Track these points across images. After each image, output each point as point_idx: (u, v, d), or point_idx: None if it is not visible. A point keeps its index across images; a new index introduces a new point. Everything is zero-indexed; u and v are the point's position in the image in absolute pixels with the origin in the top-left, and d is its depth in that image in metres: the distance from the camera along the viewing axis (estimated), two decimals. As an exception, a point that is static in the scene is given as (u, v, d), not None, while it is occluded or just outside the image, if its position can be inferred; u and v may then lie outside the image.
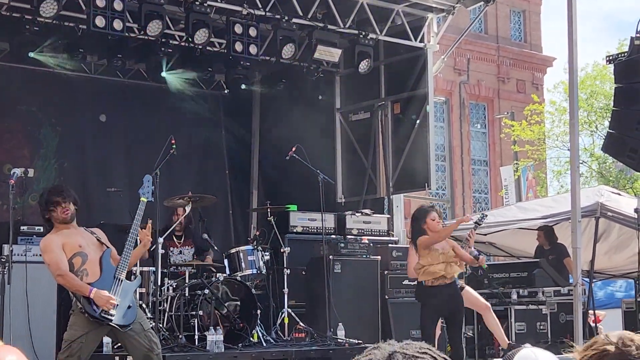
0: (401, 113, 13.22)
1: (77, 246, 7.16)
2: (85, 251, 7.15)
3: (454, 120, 31.40)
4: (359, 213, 12.24)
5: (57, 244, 7.12)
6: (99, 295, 6.99)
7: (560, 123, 27.53)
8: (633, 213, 11.70)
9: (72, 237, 7.19)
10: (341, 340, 10.17)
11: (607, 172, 27.45)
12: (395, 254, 11.43)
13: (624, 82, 10.34)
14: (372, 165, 13.50)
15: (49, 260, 7.16)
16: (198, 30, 10.89)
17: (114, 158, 13.10)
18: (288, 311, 10.51)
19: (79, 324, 7.05)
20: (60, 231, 7.20)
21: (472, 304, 9.83)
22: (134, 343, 7.16)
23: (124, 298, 7.14)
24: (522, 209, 14.17)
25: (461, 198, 31.24)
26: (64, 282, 7.13)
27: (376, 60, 12.89)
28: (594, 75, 27.15)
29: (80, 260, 7.12)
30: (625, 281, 18.38)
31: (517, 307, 12.30)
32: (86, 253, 7.15)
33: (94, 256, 7.18)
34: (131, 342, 7.14)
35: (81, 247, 7.16)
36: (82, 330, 7.00)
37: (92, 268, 7.14)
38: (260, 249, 10.44)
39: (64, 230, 7.18)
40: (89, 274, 7.12)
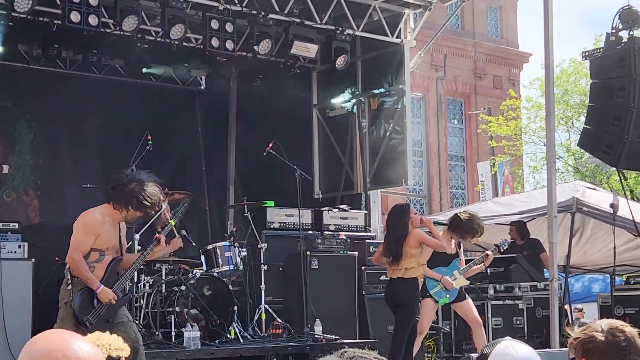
0: (378, 109, 13.23)
1: (106, 245, 7.27)
2: (106, 252, 7.26)
3: (430, 116, 31.45)
4: (336, 209, 12.24)
5: (96, 229, 7.19)
6: (104, 292, 7.19)
7: (536, 119, 27.66)
8: (608, 208, 11.78)
9: (109, 233, 7.31)
10: (318, 336, 10.17)
11: (583, 168, 27.60)
12: (373, 249, 11.41)
13: (599, 78, 10.40)
14: (349, 161, 13.50)
15: (77, 238, 7.23)
16: (174, 25, 10.85)
17: (90, 154, 13.02)
18: (265, 307, 10.50)
19: (70, 318, 7.14)
20: (107, 217, 7.26)
21: (464, 314, 9.92)
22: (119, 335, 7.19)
23: (109, 310, 7.26)
24: (499, 205, 14.24)
25: (438, 194, 31.31)
26: (75, 265, 7.20)
27: (353, 56, 12.89)
28: (570, 71, 27.29)
29: (96, 257, 7.26)
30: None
31: (493, 302, 12.36)
32: (105, 254, 7.27)
33: (108, 259, 7.29)
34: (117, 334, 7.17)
35: (107, 249, 7.26)
36: (73, 324, 7.06)
37: (99, 270, 7.27)
38: (237, 245, 10.42)
39: (109, 219, 7.24)
40: (94, 272, 7.26)
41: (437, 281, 9.69)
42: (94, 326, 7.07)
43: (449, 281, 9.64)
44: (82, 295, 7.23)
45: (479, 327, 9.78)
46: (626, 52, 10.02)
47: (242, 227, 11.05)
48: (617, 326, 3.68)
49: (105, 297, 7.21)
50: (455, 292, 9.78)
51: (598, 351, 3.59)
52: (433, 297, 9.72)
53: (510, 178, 28.23)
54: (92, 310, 7.23)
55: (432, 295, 9.69)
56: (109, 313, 7.32)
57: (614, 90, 10.06)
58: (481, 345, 9.76)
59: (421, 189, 31.35)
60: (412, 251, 9.25)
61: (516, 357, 3.34)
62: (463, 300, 9.85)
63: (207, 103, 14.19)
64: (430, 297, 9.72)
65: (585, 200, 12.49)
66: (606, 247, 12.97)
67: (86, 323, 7.15)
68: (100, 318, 7.23)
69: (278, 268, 11.12)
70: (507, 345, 3.40)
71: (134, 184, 7.26)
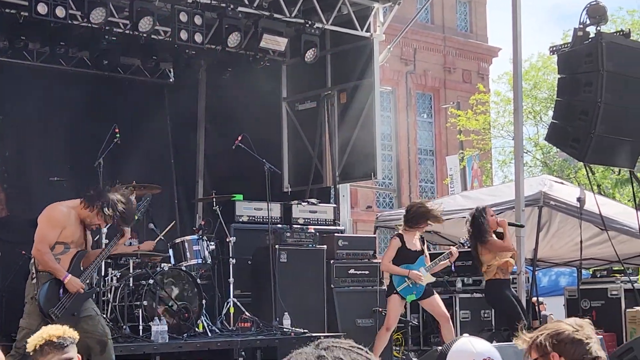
0: (347, 102, 13.23)
1: (70, 238, 7.28)
2: (70, 245, 7.28)
3: (400, 109, 31.52)
4: (305, 202, 12.24)
5: (61, 222, 7.21)
6: (72, 282, 7.21)
7: (505, 113, 27.80)
8: (575, 202, 11.86)
9: (74, 227, 7.31)
10: (287, 330, 10.17)
11: (551, 162, 27.78)
12: (342, 243, 11.44)
13: (567, 73, 10.46)
14: (319, 155, 13.50)
15: (42, 230, 7.27)
16: (142, 18, 10.78)
17: (57, 147, 12.91)
18: (233, 301, 10.48)
19: (36, 312, 7.13)
20: (73, 212, 7.29)
21: (432, 310, 9.96)
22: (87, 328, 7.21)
23: (74, 304, 7.23)
24: (467, 198, 14.30)
25: (407, 187, 31.39)
26: (41, 257, 7.20)
27: (322, 49, 12.88)
28: (539, 65, 27.43)
29: (61, 249, 7.30)
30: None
31: (461, 296, 12.44)
32: (70, 247, 7.28)
33: (73, 251, 7.29)
34: (84, 328, 7.14)
35: (72, 242, 7.26)
36: (39, 318, 7.04)
37: (64, 262, 7.27)
38: (205, 239, 10.39)
39: (74, 213, 7.25)
40: (59, 264, 7.28)
41: (404, 278, 9.70)
42: (59, 319, 7.05)
43: (417, 274, 9.67)
44: (47, 288, 7.21)
45: (447, 322, 9.81)
46: (593, 47, 10.08)
47: (210, 221, 11.02)
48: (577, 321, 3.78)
49: (73, 287, 7.20)
50: (422, 288, 9.81)
51: (570, 341, 3.65)
52: (400, 294, 9.74)
53: (479, 172, 28.36)
54: (58, 302, 7.22)
55: (399, 293, 9.71)
56: (74, 306, 7.29)
57: (582, 85, 10.12)
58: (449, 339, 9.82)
59: (390, 183, 31.42)
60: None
61: (475, 352, 3.37)
62: (430, 296, 9.88)
63: (176, 96, 14.12)
64: (397, 294, 9.74)
65: (553, 194, 12.57)
66: (573, 240, 13.06)
67: (52, 316, 7.12)
68: (66, 311, 7.22)
69: (247, 262, 11.11)
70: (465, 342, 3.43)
71: (116, 199, 7.27)
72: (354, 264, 11.37)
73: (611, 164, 13.41)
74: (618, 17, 26.32)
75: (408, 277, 9.66)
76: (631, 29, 12.70)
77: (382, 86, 18.41)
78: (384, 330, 9.78)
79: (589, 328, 3.80)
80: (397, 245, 9.71)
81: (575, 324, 3.79)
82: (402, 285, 9.72)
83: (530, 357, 3.78)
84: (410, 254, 9.73)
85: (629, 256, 13.20)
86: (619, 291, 12.26)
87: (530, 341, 3.78)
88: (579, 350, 3.68)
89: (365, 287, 11.36)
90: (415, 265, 9.73)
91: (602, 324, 11.82)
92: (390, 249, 9.73)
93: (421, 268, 9.73)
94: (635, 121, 10.47)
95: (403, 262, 9.71)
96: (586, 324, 3.83)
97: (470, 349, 3.38)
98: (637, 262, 13.54)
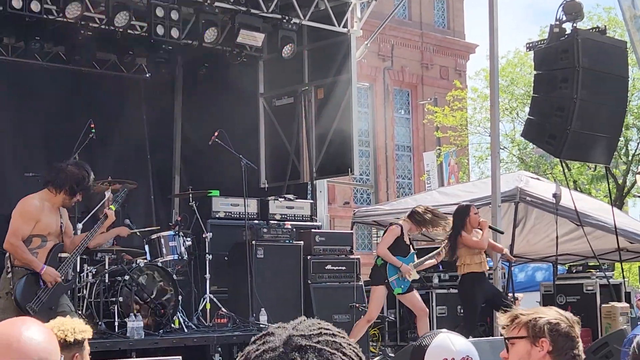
0: (325, 98, 13.22)
1: (47, 230, 7.25)
2: (48, 238, 7.25)
3: (377, 105, 31.56)
4: (282, 198, 12.22)
5: (34, 215, 7.19)
6: (48, 272, 7.21)
7: (481, 109, 27.89)
8: (551, 198, 11.92)
9: (49, 219, 7.31)
10: (264, 326, 10.14)
11: (527, 158, 27.90)
12: (318, 239, 11.43)
13: (543, 69, 10.51)
14: (296, 151, 13.48)
15: (15, 224, 7.26)
16: (118, 13, 10.72)
17: (32, 142, 12.82)
18: (210, 297, 10.46)
19: (12, 308, 7.10)
20: (46, 202, 7.25)
21: (412, 305, 9.97)
22: None
23: (52, 297, 7.20)
24: (444, 194, 14.34)
25: (385, 183, 31.44)
26: (14, 250, 7.19)
27: (300, 45, 12.86)
28: (516, 62, 27.53)
29: (39, 242, 7.27)
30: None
31: (438, 291, 12.46)
32: (47, 240, 7.24)
33: (50, 245, 7.26)
34: None
35: (49, 234, 7.23)
36: (15, 314, 7.00)
37: (41, 256, 7.23)
38: (181, 235, 10.35)
39: (48, 204, 7.23)
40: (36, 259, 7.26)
41: (396, 270, 9.70)
42: (37, 313, 7.02)
43: (408, 270, 9.68)
44: (23, 283, 7.18)
45: (425, 316, 9.86)
46: (569, 44, 10.13)
47: (187, 217, 10.98)
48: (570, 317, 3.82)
49: (50, 277, 7.18)
50: (408, 284, 9.84)
51: (565, 335, 3.67)
52: (390, 285, 9.73)
53: (456, 168, 28.45)
54: (35, 297, 7.18)
55: (390, 283, 9.70)
56: (51, 300, 7.25)
57: (558, 82, 10.17)
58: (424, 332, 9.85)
59: (368, 179, 31.46)
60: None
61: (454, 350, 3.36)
62: (411, 292, 9.91)
63: (152, 91, 14.04)
64: (384, 285, 9.73)
65: (529, 190, 12.63)
66: (549, 236, 13.12)
67: (29, 310, 7.08)
68: (43, 305, 7.18)
69: (223, 257, 11.07)
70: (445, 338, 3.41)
71: (70, 167, 7.30)
72: (331, 260, 11.36)
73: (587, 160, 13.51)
74: (594, 14, 26.50)
75: (399, 270, 9.67)
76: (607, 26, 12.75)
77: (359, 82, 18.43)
78: (364, 321, 9.78)
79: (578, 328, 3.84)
80: (397, 235, 9.73)
81: (568, 319, 3.82)
82: (394, 277, 9.72)
83: (513, 333, 3.73)
84: (404, 247, 9.80)
85: (604, 252, 13.27)
86: (595, 286, 12.32)
87: (523, 319, 3.76)
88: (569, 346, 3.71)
89: (342, 282, 11.36)
90: (407, 260, 9.76)
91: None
92: (389, 236, 9.75)
93: (410, 264, 9.75)
94: (611, 117, 10.54)
95: (397, 254, 9.74)
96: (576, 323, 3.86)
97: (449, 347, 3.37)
98: (612, 258, 13.61)
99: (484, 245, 9.99)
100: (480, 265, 10.01)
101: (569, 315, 3.88)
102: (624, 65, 11.09)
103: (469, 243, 9.96)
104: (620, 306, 11.87)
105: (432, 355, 3.36)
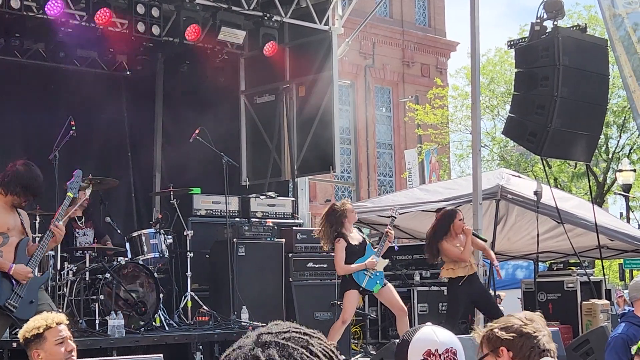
0: (306, 96, 13.22)
1: (5, 227, 7.18)
2: (9, 234, 7.18)
3: (359, 103, 31.58)
4: (263, 196, 12.21)
5: None
6: (18, 270, 7.12)
7: (462, 107, 27.98)
8: (532, 195, 11.95)
9: (5, 217, 7.21)
10: (245, 324, 10.15)
11: (508, 156, 27.99)
12: (300, 236, 11.43)
13: (524, 67, 10.54)
14: (277, 148, 13.48)
15: None
16: (99, 10, 10.68)
17: (12, 140, 12.74)
18: (191, 295, 10.45)
19: None
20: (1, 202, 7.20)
21: (390, 304, 9.90)
22: None
23: (29, 291, 7.14)
24: (425, 192, 14.35)
25: (366, 181, 31.47)
26: None
27: (281, 42, 12.85)
28: (496, 60, 27.62)
29: (0, 240, 7.11)
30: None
31: (419, 289, 12.49)
32: (9, 236, 7.18)
33: (14, 241, 7.20)
34: None
35: (8, 229, 7.18)
36: None
37: (8, 253, 7.18)
38: (162, 232, 10.35)
39: (1, 203, 7.17)
40: (2, 257, 7.18)
41: (364, 272, 9.64)
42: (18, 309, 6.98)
43: (372, 262, 9.65)
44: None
45: (404, 315, 9.78)
46: (550, 42, 10.17)
47: (168, 214, 10.97)
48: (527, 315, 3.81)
49: (21, 275, 7.09)
50: (382, 275, 9.79)
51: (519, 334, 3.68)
52: (367, 289, 9.69)
53: (437, 166, 28.51)
54: (12, 293, 7.12)
55: (365, 288, 9.66)
56: (30, 294, 7.19)
57: (538, 79, 10.21)
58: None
59: (349, 177, 31.48)
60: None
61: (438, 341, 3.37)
62: (385, 285, 9.82)
63: (133, 89, 13.97)
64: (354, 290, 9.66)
65: (510, 187, 12.66)
66: (530, 234, 13.17)
67: (10, 307, 7.03)
68: (22, 300, 7.12)
69: (204, 255, 11.07)
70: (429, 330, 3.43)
71: (19, 167, 7.31)
72: (312, 258, 11.37)
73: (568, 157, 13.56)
74: (575, 12, 26.63)
75: (367, 270, 9.62)
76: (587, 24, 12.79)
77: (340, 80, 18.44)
78: (339, 323, 9.75)
79: (539, 321, 3.82)
80: (344, 246, 9.67)
81: (525, 318, 3.81)
82: (365, 280, 9.65)
83: (482, 351, 3.80)
84: (356, 249, 9.70)
85: (585, 249, 13.33)
86: (575, 284, 12.37)
87: (481, 337, 3.81)
88: (527, 344, 3.70)
89: (324, 280, 11.38)
90: (366, 256, 9.72)
91: (559, 316, 11.93)
92: (339, 252, 9.65)
93: (372, 256, 9.71)
94: (591, 115, 10.59)
95: (354, 259, 9.66)
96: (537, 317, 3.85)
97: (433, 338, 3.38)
98: (593, 255, 13.68)
99: (465, 258, 9.90)
100: (466, 268, 9.95)
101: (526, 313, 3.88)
102: (605, 63, 11.15)
103: (451, 254, 9.92)
104: (601, 303, 11.93)
105: (415, 346, 3.37)
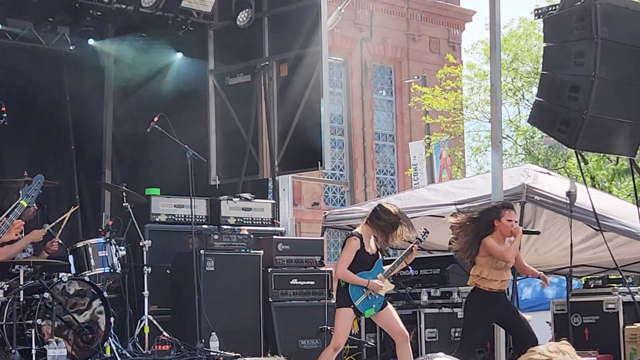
0: (289, 76, 13.22)
1: None
2: None
3: (354, 85, 31.62)
4: (236, 198, 12.23)
5: None
6: None
7: (480, 90, 27.98)
8: (564, 197, 11.97)
9: None
10: (214, 353, 10.17)
11: (535, 149, 28.04)
12: (282, 247, 11.45)
13: (554, 41, 10.53)
14: (254, 140, 13.49)
15: None
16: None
17: None
18: (149, 318, 10.46)
19: None
20: None
21: (389, 327, 9.85)
22: None
23: None
24: (435, 192, 14.37)
25: (362, 179, 31.50)
26: None
27: (258, 11, 12.88)
28: (521, 33, 27.66)
29: None
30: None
31: (427, 311, 12.47)
32: None
33: None
34: None
35: None
36: None
37: None
38: (114, 243, 10.34)
39: None
40: None
41: (362, 289, 9.61)
42: None
43: (377, 285, 9.60)
44: None
45: (405, 341, 9.74)
46: (586, 10, 10.16)
47: (120, 220, 10.98)
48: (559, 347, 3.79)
49: None
50: (381, 300, 9.76)
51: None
52: (358, 310, 9.67)
53: (449, 161, 28.55)
54: None
55: (357, 307, 9.64)
56: None
57: (572, 56, 10.21)
58: None
59: (342, 174, 31.51)
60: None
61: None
62: (384, 307, 9.80)
63: (78, 67, 13.97)
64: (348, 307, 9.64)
65: (537, 187, 12.68)
66: (561, 244, 13.19)
67: None
68: None
69: (165, 270, 11.08)
70: None
71: None
72: (297, 273, 11.39)
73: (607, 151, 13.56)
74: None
75: (367, 288, 9.59)
76: (632, -12, 12.82)
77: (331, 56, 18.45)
78: (331, 349, 9.72)
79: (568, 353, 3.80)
80: (356, 248, 9.60)
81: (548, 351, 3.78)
82: (361, 299, 9.62)
83: None
84: (368, 259, 9.65)
85: (628, 262, 13.37)
86: (617, 305, 12.38)
87: None
88: None
89: (311, 301, 11.39)
90: (373, 272, 9.66)
91: (596, 344, 11.95)
92: (348, 252, 9.58)
93: (379, 275, 9.67)
94: (636, 100, 10.58)
95: (359, 269, 9.63)
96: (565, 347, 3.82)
97: None
98: (637, 270, 13.72)
99: (509, 257, 9.79)
100: (501, 283, 9.88)
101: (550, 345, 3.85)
102: (653, 36, 11.17)
103: (494, 251, 9.75)
104: (648, 328, 11.98)
105: None
